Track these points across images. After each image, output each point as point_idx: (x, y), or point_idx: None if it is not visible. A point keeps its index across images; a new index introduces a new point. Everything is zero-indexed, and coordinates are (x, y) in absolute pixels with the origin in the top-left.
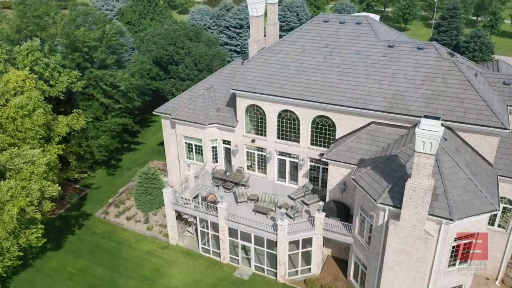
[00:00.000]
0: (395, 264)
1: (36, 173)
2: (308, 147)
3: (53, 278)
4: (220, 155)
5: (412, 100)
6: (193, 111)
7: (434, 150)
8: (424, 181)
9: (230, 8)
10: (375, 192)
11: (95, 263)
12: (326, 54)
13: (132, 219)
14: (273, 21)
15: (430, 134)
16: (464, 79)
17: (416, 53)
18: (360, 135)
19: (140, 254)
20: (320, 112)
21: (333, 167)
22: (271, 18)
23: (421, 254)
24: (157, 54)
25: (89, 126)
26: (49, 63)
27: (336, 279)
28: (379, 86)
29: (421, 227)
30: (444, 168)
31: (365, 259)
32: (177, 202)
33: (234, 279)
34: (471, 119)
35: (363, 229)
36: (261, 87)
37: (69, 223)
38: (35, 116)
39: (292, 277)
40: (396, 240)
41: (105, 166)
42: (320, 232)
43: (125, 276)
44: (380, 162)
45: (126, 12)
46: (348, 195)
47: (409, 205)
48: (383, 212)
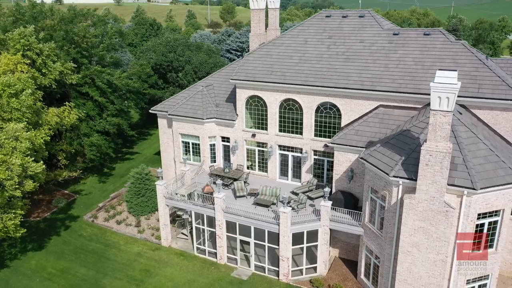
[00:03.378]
0: (412, 247)
1: (18, 149)
2: (312, 139)
3: (30, 278)
4: (218, 154)
5: (422, 80)
6: (192, 106)
7: (451, 106)
8: (441, 144)
9: (231, 33)
10: (386, 167)
11: (79, 264)
12: (329, 44)
13: (123, 223)
14: (274, 26)
15: (446, 87)
16: (475, 58)
17: (422, 38)
18: (367, 119)
19: (129, 255)
20: (324, 99)
21: (339, 153)
22: (272, 23)
23: (442, 231)
24: (157, 60)
25: (82, 125)
26: (43, 50)
27: (345, 279)
28: (386, 69)
29: (441, 198)
30: (462, 138)
31: (377, 248)
32: (171, 196)
33: (231, 279)
34: (486, 94)
35: (374, 216)
36: (262, 76)
37: (54, 225)
38: (23, 97)
39: (296, 277)
40: (412, 217)
41: (97, 174)
42: (327, 224)
43: (110, 276)
44: (391, 139)
45: (128, 34)
46: (356, 184)
47: (426, 173)
48: (396, 188)
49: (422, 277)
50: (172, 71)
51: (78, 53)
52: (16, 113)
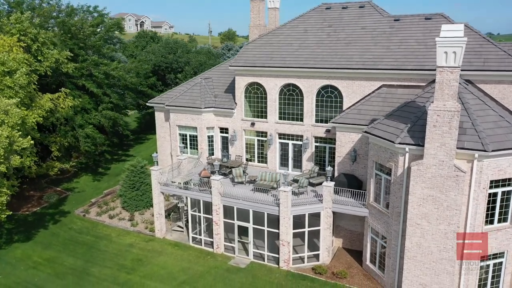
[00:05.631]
0: (421, 218)
1: (7, 123)
2: (313, 125)
3: (14, 266)
4: (216, 146)
5: (425, 57)
6: (190, 97)
7: (458, 61)
8: (449, 103)
9: (231, 47)
10: (392, 136)
11: (67, 254)
12: (330, 32)
13: (116, 217)
14: (274, 25)
15: (453, 41)
16: (479, 37)
17: (424, 22)
18: (370, 98)
19: (121, 246)
20: (325, 82)
21: (341, 134)
22: (271, 23)
23: (452, 199)
24: (156, 61)
25: (77, 117)
26: (39, 36)
27: (349, 267)
28: (388, 50)
29: (450, 162)
30: (470, 104)
31: (383, 227)
32: (166, 182)
33: (229, 267)
34: (492, 66)
35: (379, 194)
36: (262, 62)
37: (43, 219)
38: (17, 75)
39: (297, 265)
40: (420, 185)
41: (91, 173)
42: (329, 206)
43: (100, 265)
44: (395, 111)
45: (129, 46)
46: (360, 165)
47: (433, 135)
48: (402, 157)
49: (432, 252)
50: (171, 72)
51: (75, 44)
52: (8, 91)
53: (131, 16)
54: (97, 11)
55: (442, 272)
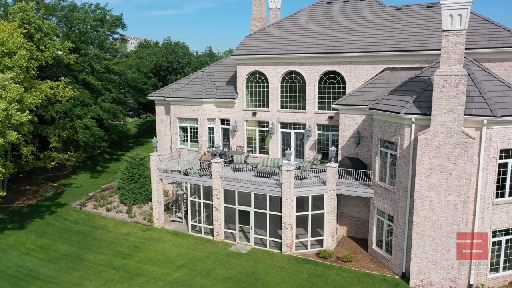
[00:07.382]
0: (430, 190)
1: (4, 97)
2: (315, 112)
3: (6, 252)
4: (217, 138)
5: (428, 39)
6: (191, 89)
7: (464, 24)
8: (456, 67)
9: None
10: (397, 108)
11: (61, 242)
12: (331, 22)
13: (113, 210)
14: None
15: (458, 2)
16: (482, 19)
17: (426, 10)
18: (373, 81)
19: (117, 235)
20: (327, 67)
21: (345, 116)
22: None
23: (461, 167)
24: (157, 62)
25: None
26: (42, 26)
27: (355, 253)
28: (390, 35)
29: (458, 129)
30: (476, 75)
31: (390, 206)
32: (166, 168)
33: (229, 252)
34: (497, 44)
35: (384, 172)
36: (264, 50)
37: (39, 210)
38: (17, 57)
39: (300, 251)
40: (428, 155)
41: (89, 171)
42: (333, 188)
43: (95, 252)
44: (400, 86)
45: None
46: (364, 148)
47: (440, 101)
48: (409, 128)
49: (442, 226)
50: (172, 73)
51: (77, 37)
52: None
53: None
54: (100, 8)
55: (452, 247)
